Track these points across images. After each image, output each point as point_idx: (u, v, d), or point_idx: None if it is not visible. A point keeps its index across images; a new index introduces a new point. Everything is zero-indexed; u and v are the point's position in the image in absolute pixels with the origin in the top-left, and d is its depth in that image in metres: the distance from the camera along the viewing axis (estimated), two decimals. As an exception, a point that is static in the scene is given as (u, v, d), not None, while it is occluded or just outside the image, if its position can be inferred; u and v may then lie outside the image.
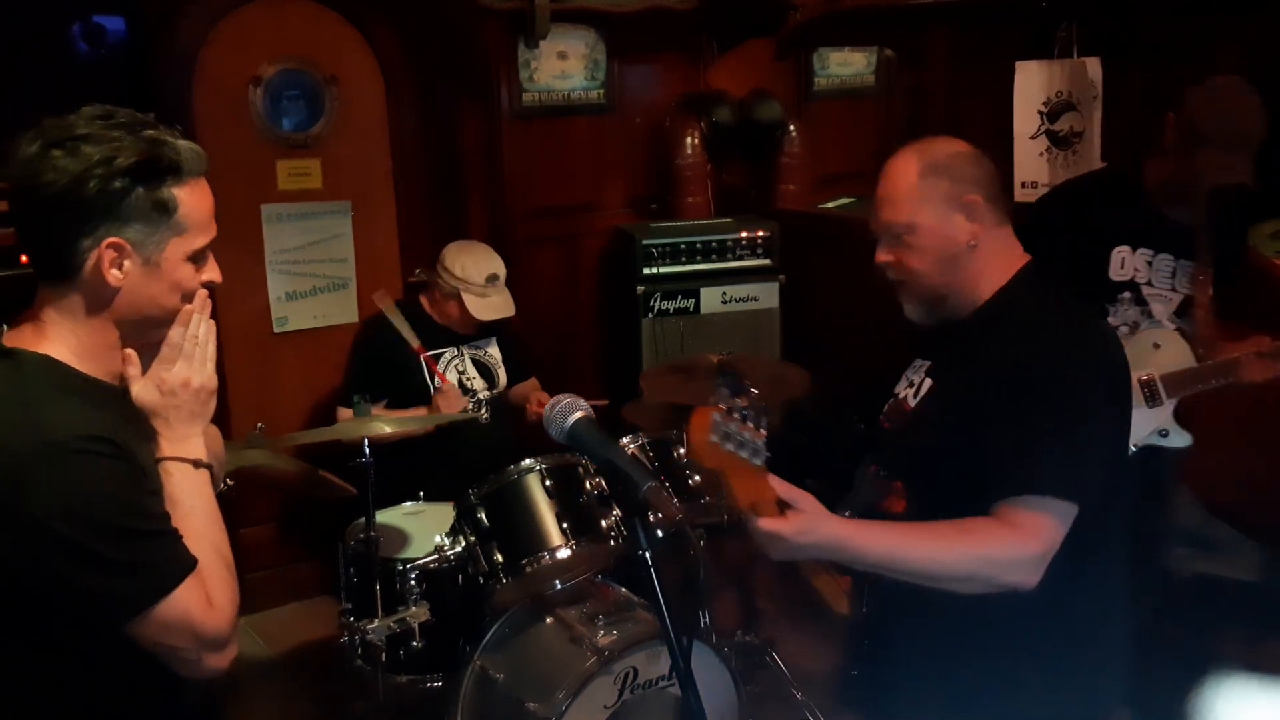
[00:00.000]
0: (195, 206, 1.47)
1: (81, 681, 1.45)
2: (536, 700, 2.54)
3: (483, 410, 3.53)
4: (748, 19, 4.64)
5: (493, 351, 3.64)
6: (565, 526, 2.70)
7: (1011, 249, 1.85)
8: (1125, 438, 1.80)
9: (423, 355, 3.46)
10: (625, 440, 2.98)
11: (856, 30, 4.82)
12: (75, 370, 1.45)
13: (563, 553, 2.68)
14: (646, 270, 4.31)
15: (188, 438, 1.51)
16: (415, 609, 2.71)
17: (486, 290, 3.46)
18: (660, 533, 2.73)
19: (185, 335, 1.50)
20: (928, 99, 4.64)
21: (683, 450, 3.01)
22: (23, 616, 1.39)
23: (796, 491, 1.56)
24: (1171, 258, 2.75)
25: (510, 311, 3.52)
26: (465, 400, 3.42)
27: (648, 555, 1.43)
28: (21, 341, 1.45)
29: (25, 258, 1.46)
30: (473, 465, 3.05)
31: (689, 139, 4.63)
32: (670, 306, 4.34)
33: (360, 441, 2.77)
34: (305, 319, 4.11)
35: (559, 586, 2.83)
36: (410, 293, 3.65)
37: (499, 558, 2.69)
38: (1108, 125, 3.58)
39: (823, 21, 4.42)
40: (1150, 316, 2.78)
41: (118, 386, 1.50)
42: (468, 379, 3.53)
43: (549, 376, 3.84)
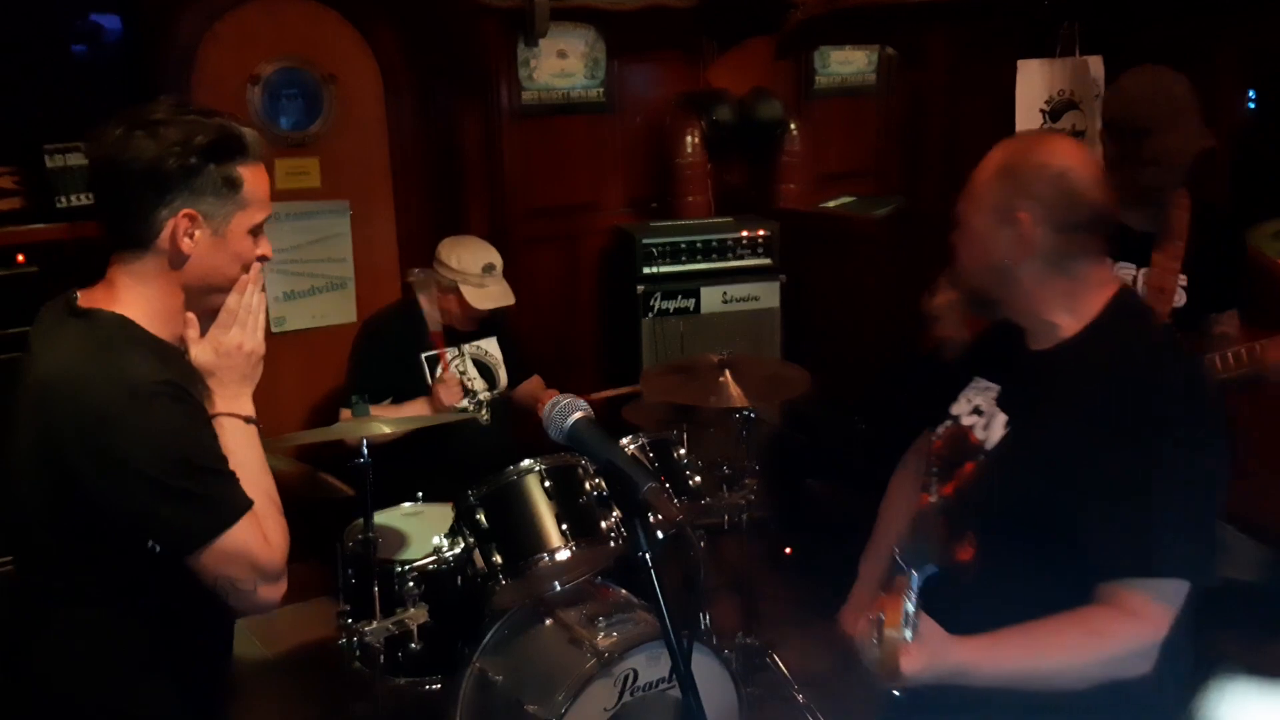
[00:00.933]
0: (257, 185, 1.65)
1: (138, 620, 1.61)
2: (536, 702, 2.53)
3: (483, 411, 3.53)
4: (748, 17, 4.63)
5: (493, 351, 3.63)
6: (565, 527, 2.69)
7: (1092, 282, 1.65)
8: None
9: (439, 345, 3.43)
10: (625, 440, 2.97)
11: (857, 28, 4.81)
12: (144, 329, 1.61)
13: (562, 554, 2.67)
14: (646, 270, 4.30)
15: (239, 396, 1.66)
16: (414, 610, 2.69)
17: (484, 280, 3.44)
18: (660, 534, 2.73)
19: (240, 303, 1.66)
20: (929, 97, 4.62)
21: (683, 451, 3.00)
22: (101, 550, 1.56)
23: (919, 617, 1.45)
24: (1133, 266, 2.61)
25: (509, 300, 3.49)
26: (463, 391, 3.40)
27: (647, 556, 1.42)
28: (95, 303, 1.61)
29: (100, 228, 1.65)
30: (472, 466, 3.03)
31: (689, 138, 4.63)
32: (670, 306, 4.33)
33: (359, 442, 2.76)
34: (304, 319, 4.10)
35: (558, 588, 2.82)
36: (408, 294, 3.63)
37: (498, 559, 2.68)
38: (1109, 124, 3.57)
39: (823, 20, 4.42)
40: None
41: (179, 347, 1.66)
42: (468, 380, 3.51)
43: (548, 376, 3.83)
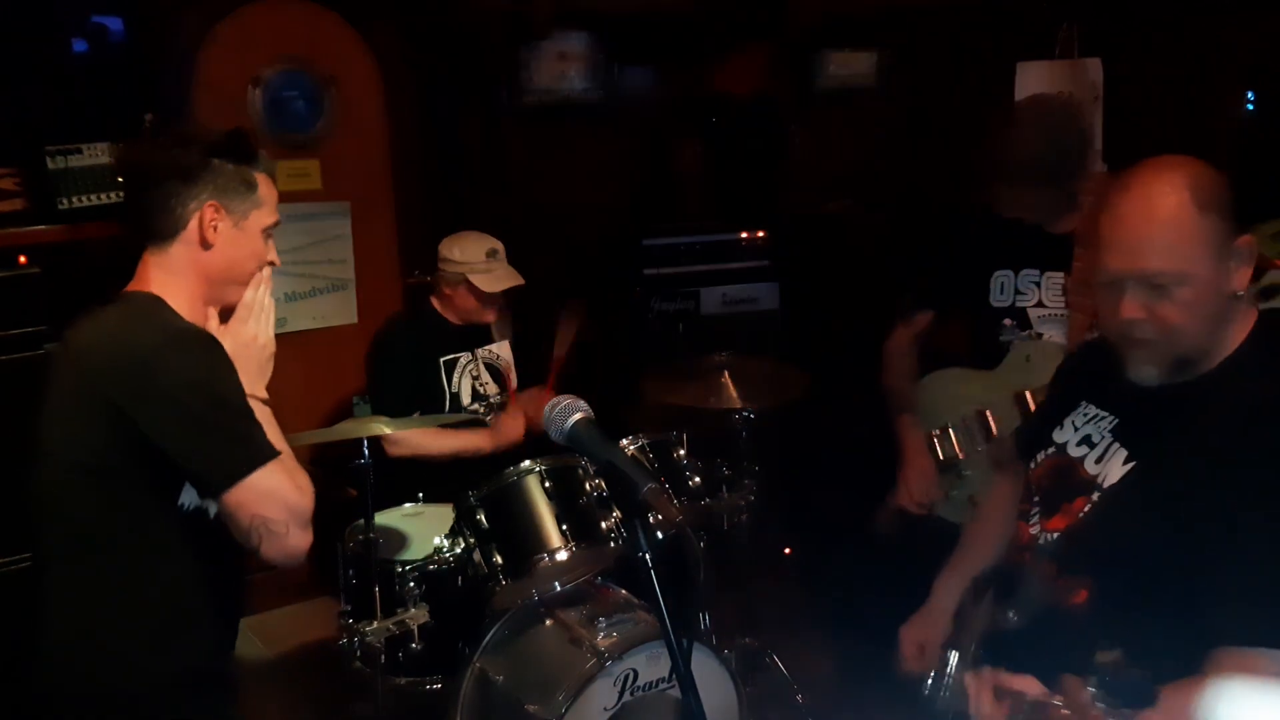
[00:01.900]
0: (268, 191, 1.88)
1: (159, 588, 1.74)
2: (536, 702, 2.53)
3: (492, 415, 3.50)
4: (748, 20, 4.64)
5: (504, 355, 3.60)
6: (565, 528, 2.69)
7: (1241, 305, 1.53)
8: None
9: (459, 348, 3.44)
10: (625, 441, 2.97)
11: (857, 31, 4.83)
12: (175, 310, 1.78)
13: (562, 554, 2.67)
14: (646, 271, 4.30)
15: (255, 385, 1.81)
16: (414, 611, 2.69)
17: (491, 265, 3.42)
18: (660, 534, 2.73)
19: (255, 298, 1.85)
20: (929, 100, 4.63)
21: (683, 451, 3.00)
22: (133, 509, 1.69)
23: (1019, 680, 1.40)
24: (1062, 275, 2.55)
25: (518, 280, 3.44)
26: (520, 430, 3.39)
27: (647, 557, 1.43)
28: (130, 290, 1.81)
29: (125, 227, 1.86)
30: (473, 467, 3.03)
31: (689, 141, 4.63)
32: (670, 307, 4.33)
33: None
34: (304, 320, 4.10)
35: (559, 588, 2.82)
36: (415, 298, 3.61)
37: (498, 559, 2.68)
38: (1109, 125, 3.58)
39: (824, 22, 4.43)
40: (1040, 339, 2.59)
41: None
42: (481, 384, 3.49)
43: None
